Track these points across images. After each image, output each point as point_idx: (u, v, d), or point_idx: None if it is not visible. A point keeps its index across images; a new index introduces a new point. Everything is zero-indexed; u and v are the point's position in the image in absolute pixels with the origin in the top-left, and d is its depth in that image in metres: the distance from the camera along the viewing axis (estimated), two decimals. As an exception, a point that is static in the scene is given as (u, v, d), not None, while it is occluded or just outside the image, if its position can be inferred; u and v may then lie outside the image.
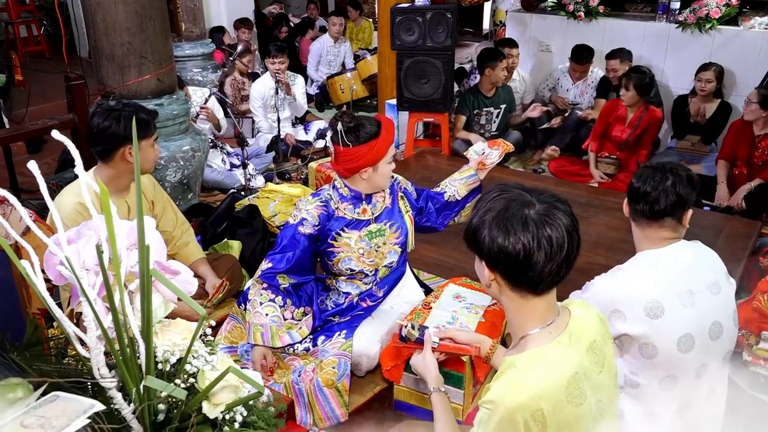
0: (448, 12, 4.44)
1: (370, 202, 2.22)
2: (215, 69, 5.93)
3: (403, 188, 2.33)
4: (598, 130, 4.51)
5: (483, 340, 1.69)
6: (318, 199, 2.20)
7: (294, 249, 2.15)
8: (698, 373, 1.73)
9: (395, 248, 2.26)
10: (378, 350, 2.14)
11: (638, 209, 1.77)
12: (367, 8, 9.51)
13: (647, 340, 1.67)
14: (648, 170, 1.79)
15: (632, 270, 1.77)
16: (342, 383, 2.02)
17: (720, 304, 1.75)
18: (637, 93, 4.20)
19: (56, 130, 1.02)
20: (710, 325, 1.71)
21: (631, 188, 1.80)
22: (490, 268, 1.28)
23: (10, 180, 3.87)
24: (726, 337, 1.76)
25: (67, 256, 0.91)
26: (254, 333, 2.10)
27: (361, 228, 2.20)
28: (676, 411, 1.73)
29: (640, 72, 4.25)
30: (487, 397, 1.23)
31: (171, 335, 1.07)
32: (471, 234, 1.29)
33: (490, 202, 1.29)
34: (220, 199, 4.01)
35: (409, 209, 2.30)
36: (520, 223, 1.22)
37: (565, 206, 1.27)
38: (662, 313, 1.65)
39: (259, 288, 2.16)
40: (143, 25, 3.24)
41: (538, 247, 1.21)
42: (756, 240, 3.13)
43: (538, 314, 1.30)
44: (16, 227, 1.01)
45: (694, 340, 1.67)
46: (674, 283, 1.70)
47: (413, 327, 1.82)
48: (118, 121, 2.27)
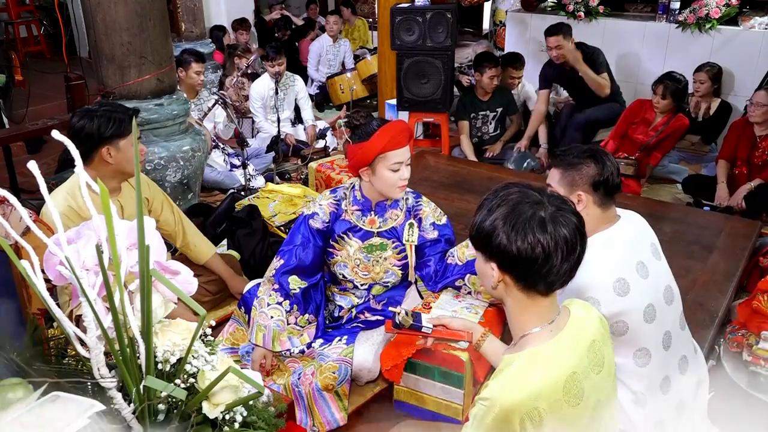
0: (448, 12, 4.44)
1: (382, 216, 2.19)
2: (215, 69, 5.93)
3: (420, 218, 2.21)
4: (620, 130, 4.37)
5: (474, 327, 1.75)
6: (333, 197, 2.21)
7: (303, 243, 2.16)
8: (665, 344, 1.78)
9: (395, 270, 2.23)
10: (378, 366, 2.12)
11: (604, 193, 1.78)
12: (367, 8, 9.52)
13: (618, 318, 1.70)
14: (585, 155, 1.79)
15: (593, 254, 1.76)
16: (342, 388, 2.01)
17: (664, 267, 1.85)
18: (673, 101, 4.09)
19: (56, 130, 1.02)
20: (663, 290, 1.80)
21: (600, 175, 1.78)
22: (503, 269, 1.27)
23: (10, 180, 3.87)
24: (677, 299, 1.86)
25: (67, 256, 0.91)
26: (256, 332, 2.10)
27: (364, 239, 2.19)
28: (659, 387, 1.78)
29: (675, 79, 4.10)
30: (485, 394, 1.23)
31: (171, 335, 1.07)
32: (483, 236, 1.26)
33: (497, 201, 1.27)
34: (220, 199, 4.01)
35: (413, 239, 2.20)
36: (538, 225, 1.21)
37: (569, 205, 1.27)
38: (628, 289, 1.70)
39: (269, 287, 2.16)
40: (143, 25, 3.24)
41: (555, 249, 1.20)
42: (756, 240, 3.13)
43: (541, 314, 1.30)
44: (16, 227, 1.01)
45: (654, 308, 1.74)
46: (629, 258, 1.75)
47: (407, 313, 1.82)
48: (92, 120, 2.21)
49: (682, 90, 4.13)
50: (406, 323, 1.81)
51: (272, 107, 5.03)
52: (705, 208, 3.87)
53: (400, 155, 2.05)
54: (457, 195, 3.64)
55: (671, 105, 4.12)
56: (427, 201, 2.26)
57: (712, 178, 4.09)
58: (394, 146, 2.03)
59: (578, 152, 1.81)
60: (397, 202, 2.21)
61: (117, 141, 2.23)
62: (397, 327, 1.84)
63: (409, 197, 2.24)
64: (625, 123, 4.38)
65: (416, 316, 1.82)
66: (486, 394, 1.23)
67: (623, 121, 4.40)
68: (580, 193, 1.78)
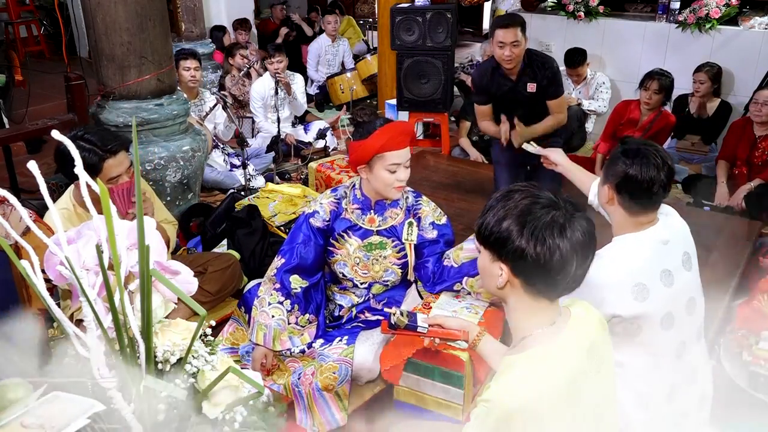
0: (448, 12, 4.44)
1: (381, 215, 2.19)
2: (215, 69, 5.93)
3: (419, 217, 2.21)
4: (609, 131, 4.40)
5: (471, 327, 1.74)
6: (334, 195, 2.22)
7: (304, 241, 2.17)
8: (678, 353, 1.76)
9: (395, 268, 2.23)
10: (378, 365, 2.12)
11: (629, 198, 1.72)
12: (367, 8, 9.54)
13: (633, 321, 1.69)
14: (639, 158, 1.70)
15: (614, 254, 1.74)
16: (342, 388, 2.01)
17: (692, 279, 1.80)
18: (664, 96, 4.07)
19: (56, 130, 1.02)
20: (686, 301, 1.76)
21: (626, 177, 1.71)
22: (515, 273, 1.25)
23: (10, 180, 3.87)
24: (699, 310, 1.81)
25: (67, 256, 0.91)
26: (257, 331, 2.10)
27: (363, 238, 2.19)
28: (665, 395, 1.75)
29: (664, 74, 4.09)
30: (486, 395, 1.23)
31: (171, 335, 1.07)
32: (498, 239, 1.24)
33: (511, 202, 1.24)
34: (220, 199, 4.01)
35: (412, 239, 2.19)
36: (557, 229, 1.19)
37: (582, 210, 1.26)
38: (647, 295, 1.67)
39: (270, 287, 2.16)
40: (143, 25, 3.24)
41: (572, 254, 1.19)
42: (756, 240, 3.13)
43: (544, 316, 1.29)
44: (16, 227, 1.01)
45: (673, 317, 1.71)
46: (654, 266, 1.71)
47: (402, 314, 1.82)
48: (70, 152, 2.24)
49: (671, 84, 4.15)
50: (402, 324, 1.80)
51: (272, 107, 5.03)
52: (705, 208, 3.88)
53: (398, 156, 2.04)
54: (457, 195, 3.64)
55: (660, 100, 4.13)
56: (427, 200, 2.25)
57: (712, 178, 4.09)
58: (392, 147, 2.02)
59: (631, 148, 1.72)
60: (397, 200, 2.21)
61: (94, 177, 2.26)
62: (393, 327, 1.83)
63: (409, 196, 2.24)
64: (612, 124, 4.41)
65: (412, 316, 1.82)
66: (487, 396, 1.23)
67: (611, 122, 4.43)
68: (607, 187, 1.76)
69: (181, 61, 4.28)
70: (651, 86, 4.08)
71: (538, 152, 2.43)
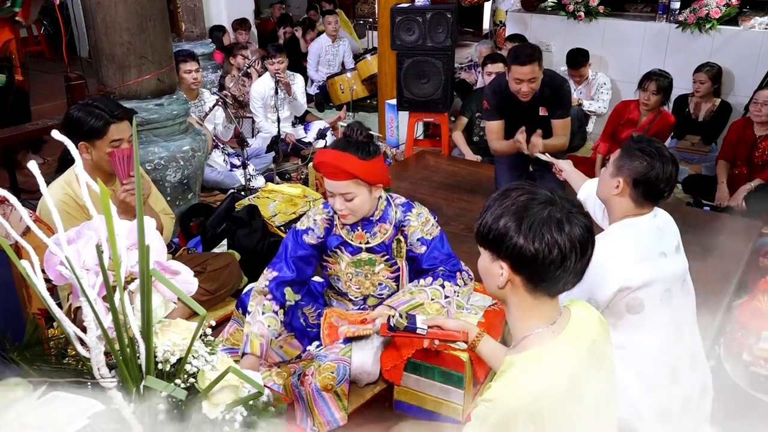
0: (448, 12, 4.44)
1: (370, 231, 2.15)
2: (215, 69, 5.93)
3: (406, 234, 2.14)
4: (608, 131, 4.40)
5: (470, 327, 1.75)
6: (326, 212, 2.19)
7: (298, 254, 2.16)
8: (676, 335, 1.81)
9: (389, 282, 2.21)
10: (378, 368, 2.12)
11: (643, 193, 1.81)
12: (367, 8, 9.54)
13: (634, 294, 1.74)
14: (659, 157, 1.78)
15: (615, 234, 1.84)
16: (341, 387, 2.01)
17: (684, 264, 1.89)
18: (662, 96, 4.06)
19: (56, 130, 1.02)
20: (682, 282, 1.85)
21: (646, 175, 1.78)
22: (515, 270, 1.25)
23: (10, 180, 3.87)
24: (692, 294, 1.91)
25: (67, 256, 0.91)
26: (252, 342, 2.05)
27: (353, 254, 2.18)
28: (667, 375, 1.79)
29: (663, 75, 4.08)
30: (487, 395, 1.23)
31: (171, 335, 1.07)
32: (496, 236, 1.24)
33: (508, 200, 1.24)
34: (220, 199, 4.01)
35: (401, 255, 2.17)
36: (555, 224, 1.19)
37: (579, 207, 1.27)
38: (649, 264, 1.74)
39: (262, 299, 2.14)
40: (143, 25, 3.24)
41: (571, 249, 1.20)
42: (756, 240, 3.13)
43: (545, 315, 1.29)
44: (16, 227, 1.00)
45: (671, 294, 1.78)
46: (653, 245, 1.80)
47: (401, 315, 1.82)
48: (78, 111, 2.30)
49: (669, 85, 4.14)
50: (401, 325, 1.80)
51: (272, 107, 5.04)
52: (705, 208, 3.88)
53: (330, 185, 2.01)
54: (457, 195, 3.64)
55: (660, 100, 4.11)
56: (417, 214, 2.14)
57: (712, 178, 4.09)
58: (324, 173, 2.01)
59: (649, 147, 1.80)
60: (386, 215, 2.15)
61: (93, 140, 2.29)
62: (392, 330, 1.83)
63: (398, 211, 2.16)
64: (611, 125, 4.40)
65: (411, 317, 1.82)
66: (488, 395, 1.23)
67: (610, 123, 4.42)
68: (620, 179, 1.81)
69: (181, 64, 4.27)
70: (649, 87, 4.07)
71: (550, 161, 2.64)
